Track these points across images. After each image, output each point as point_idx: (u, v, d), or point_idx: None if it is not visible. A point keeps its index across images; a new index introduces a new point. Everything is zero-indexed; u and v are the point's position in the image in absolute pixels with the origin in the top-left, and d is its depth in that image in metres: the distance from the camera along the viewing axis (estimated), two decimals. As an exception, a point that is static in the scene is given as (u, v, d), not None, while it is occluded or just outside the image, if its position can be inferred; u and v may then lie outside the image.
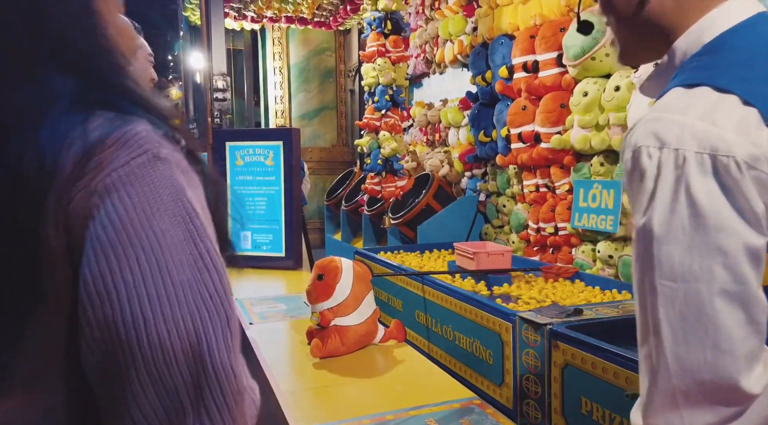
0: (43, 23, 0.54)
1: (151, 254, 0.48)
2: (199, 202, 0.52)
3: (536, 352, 1.62)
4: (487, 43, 3.18)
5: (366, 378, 1.32)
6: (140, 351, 0.46)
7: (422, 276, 2.33)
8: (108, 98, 0.53)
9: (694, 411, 0.63)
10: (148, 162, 0.49)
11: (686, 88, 0.64)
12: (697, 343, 0.62)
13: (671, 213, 0.62)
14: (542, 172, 2.83)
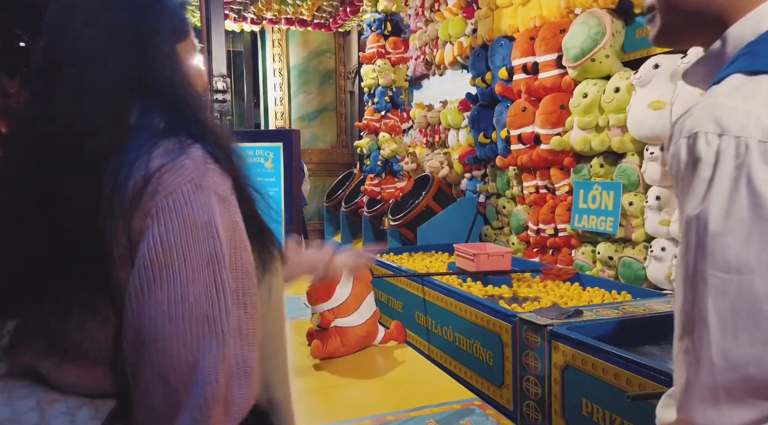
0: (141, 58, 0.68)
1: (178, 281, 0.61)
2: (230, 222, 0.65)
3: (536, 353, 1.62)
4: (486, 44, 3.19)
5: (366, 379, 1.32)
6: (155, 356, 0.60)
7: (422, 277, 2.33)
8: (179, 126, 0.67)
9: (735, 407, 0.61)
10: (191, 191, 0.62)
11: (748, 75, 0.62)
12: (746, 337, 0.60)
13: (730, 203, 0.60)
14: (542, 173, 2.83)
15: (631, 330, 1.63)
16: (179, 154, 0.64)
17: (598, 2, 2.41)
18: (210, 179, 0.64)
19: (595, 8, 2.44)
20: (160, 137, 0.65)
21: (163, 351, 0.59)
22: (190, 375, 0.59)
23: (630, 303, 1.84)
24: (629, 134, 2.27)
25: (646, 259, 2.23)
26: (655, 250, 2.16)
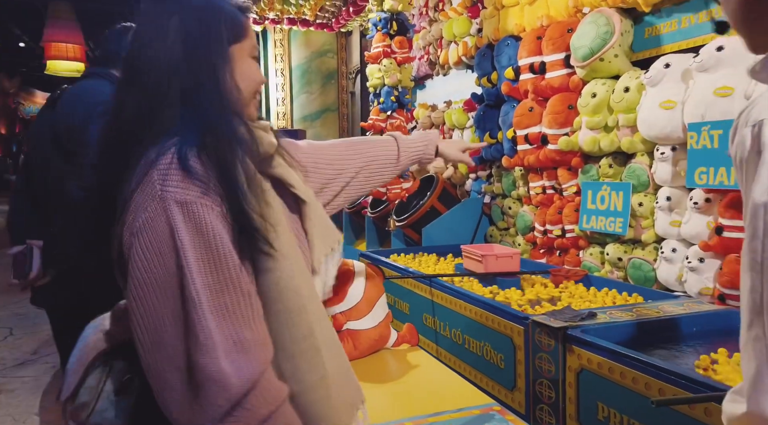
0: (184, 66, 0.80)
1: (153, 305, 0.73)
2: (195, 225, 0.74)
3: (550, 356, 1.60)
4: (492, 44, 3.16)
5: (381, 384, 1.29)
6: (148, 360, 0.74)
7: (430, 279, 2.31)
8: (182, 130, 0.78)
9: None
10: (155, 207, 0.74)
11: None
12: None
13: None
14: (549, 174, 2.81)
15: (645, 333, 1.61)
16: (151, 166, 0.75)
17: (607, 1, 2.39)
18: (170, 188, 0.74)
19: (604, 7, 2.42)
20: (159, 141, 0.77)
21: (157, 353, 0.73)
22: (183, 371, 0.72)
23: (643, 305, 1.82)
24: (639, 134, 2.25)
25: (656, 260, 2.21)
26: (666, 251, 2.14)
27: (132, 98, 0.80)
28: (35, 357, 3.80)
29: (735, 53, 1.87)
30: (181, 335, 0.71)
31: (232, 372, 0.71)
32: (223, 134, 0.78)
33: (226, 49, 0.83)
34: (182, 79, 0.79)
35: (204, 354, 0.70)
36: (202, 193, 0.74)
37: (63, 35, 9.05)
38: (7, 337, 4.24)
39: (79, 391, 0.81)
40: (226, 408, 0.71)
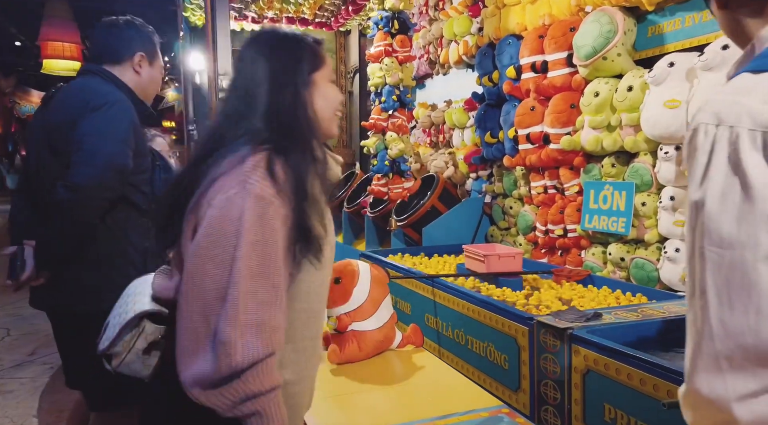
0: (272, 86, 0.98)
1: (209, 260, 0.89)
2: (258, 217, 0.88)
3: (555, 357, 1.58)
4: (493, 43, 3.15)
5: (387, 386, 1.28)
6: (184, 305, 0.89)
7: (433, 279, 2.29)
8: (270, 140, 0.95)
9: (737, 376, 0.65)
10: (236, 192, 0.88)
11: (754, 74, 0.70)
12: (740, 307, 0.65)
13: (723, 185, 0.66)
14: (550, 173, 2.80)
15: (651, 334, 1.60)
16: (243, 159, 0.91)
17: (610, 0, 2.38)
18: (253, 182, 0.88)
19: (607, 6, 2.41)
20: (248, 143, 0.94)
21: (194, 302, 0.87)
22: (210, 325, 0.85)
23: (647, 306, 1.81)
24: (642, 134, 2.24)
25: (659, 260, 2.20)
26: (669, 251, 2.13)
27: (230, 105, 1.00)
28: (33, 357, 3.77)
29: (740, 52, 1.86)
30: (217, 296, 0.85)
31: (241, 347, 0.83)
32: (305, 151, 0.95)
33: (307, 76, 1.00)
34: (270, 96, 0.97)
35: (224, 321, 0.84)
36: (276, 194, 0.89)
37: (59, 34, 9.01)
38: (5, 338, 4.21)
39: (117, 343, 0.97)
40: (225, 373, 0.83)
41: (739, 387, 0.65)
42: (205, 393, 0.84)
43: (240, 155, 0.92)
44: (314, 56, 1.03)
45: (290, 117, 0.97)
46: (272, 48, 1.01)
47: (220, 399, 0.84)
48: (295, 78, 0.99)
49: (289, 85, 0.98)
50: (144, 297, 1.00)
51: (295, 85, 0.99)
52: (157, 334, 0.97)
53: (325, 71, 1.04)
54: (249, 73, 0.99)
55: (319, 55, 1.05)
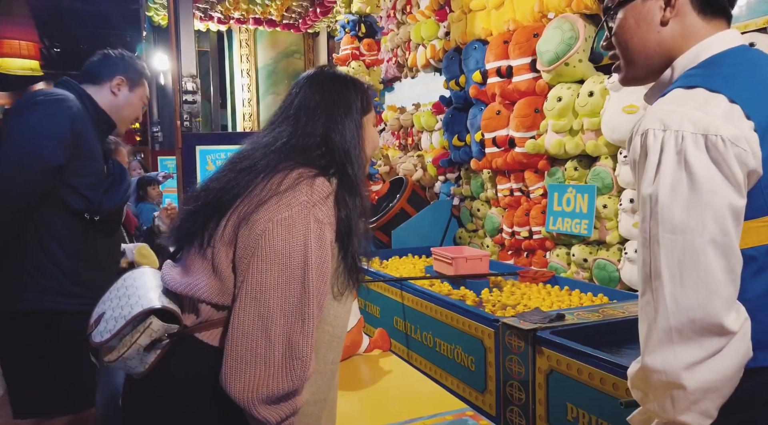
0: (332, 121, 1.03)
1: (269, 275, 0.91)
2: (318, 241, 0.92)
3: (520, 358, 1.61)
4: (460, 47, 3.19)
5: (353, 391, 1.28)
6: (244, 323, 0.90)
7: (401, 282, 2.30)
8: (330, 168, 0.99)
9: (685, 347, 0.75)
10: (297, 212, 0.92)
11: (685, 89, 0.82)
12: (691, 285, 0.75)
13: (673, 180, 0.77)
14: (516, 176, 2.85)
15: (612, 333, 1.64)
16: (304, 179, 0.93)
17: (571, 7, 2.44)
18: (316, 204, 0.92)
19: (568, 13, 2.47)
20: (305, 165, 0.97)
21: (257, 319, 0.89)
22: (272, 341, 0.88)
23: (609, 306, 1.86)
24: (603, 138, 2.30)
25: (620, 261, 2.27)
26: (629, 252, 2.19)
27: (286, 130, 1.03)
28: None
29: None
30: (287, 312, 0.87)
31: (311, 362, 0.88)
32: (358, 186, 1.00)
33: (360, 117, 1.07)
34: (327, 129, 1.02)
35: (302, 336, 0.87)
36: (332, 221, 0.94)
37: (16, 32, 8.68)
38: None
39: (117, 337, 0.93)
40: (292, 387, 0.87)
41: (686, 357, 0.75)
42: (267, 407, 0.86)
43: (299, 174, 0.94)
44: (367, 100, 1.11)
45: (347, 152, 1.02)
46: (332, 86, 1.08)
47: (279, 413, 0.87)
48: (352, 117, 1.05)
49: (347, 122, 1.05)
50: (149, 292, 0.97)
51: (354, 123, 1.05)
52: (162, 332, 0.94)
53: (371, 115, 1.13)
54: (306, 103, 1.05)
55: (370, 99, 1.13)
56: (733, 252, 0.76)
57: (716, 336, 0.75)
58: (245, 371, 0.86)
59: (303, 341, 0.87)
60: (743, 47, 0.89)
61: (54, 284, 1.58)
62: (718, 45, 0.87)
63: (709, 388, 0.76)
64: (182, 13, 3.11)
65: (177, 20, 3.07)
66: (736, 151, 0.75)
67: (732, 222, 0.76)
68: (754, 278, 0.79)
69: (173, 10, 3.11)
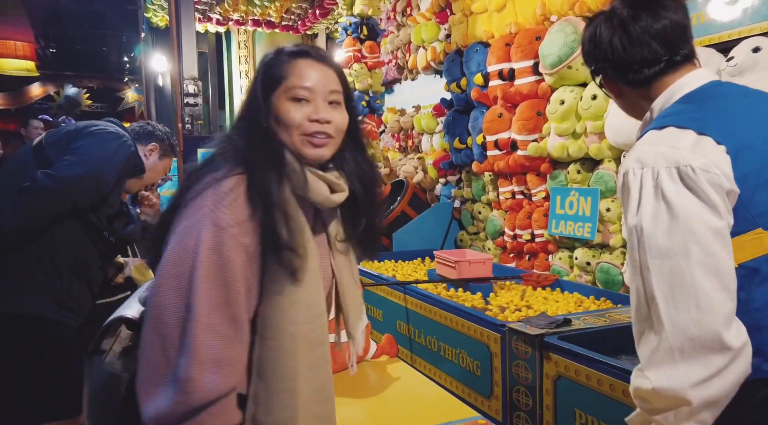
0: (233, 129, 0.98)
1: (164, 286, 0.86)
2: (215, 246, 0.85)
3: (527, 364, 1.60)
4: (461, 50, 3.18)
5: (361, 398, 1.27)
6: (145, 335, 0.86)
7: (404, 286, 2.29)
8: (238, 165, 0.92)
9: (689, 365, 0.79)
10: (194, 222, 0.87)
11: (657, 130, 0.92)
12: (683, 305, 0.80)
13: (653, 210, 0.85)
14: (518, 179, 2.85)
15: (619, 338, 1.63)
16: (209, 185, 0.88)
17: (574, 10, 2.43)
18: (212, 208, 0.86)
19: (571, 16, 2.46)
20: (223, 163, 0.91)
21: (154, 332, 0.84)
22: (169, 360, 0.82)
23: (614, 310, 1.86)
24: (606, 141, 2.30)
25: (623, 264, 2.26)
26: (633, 255, 2.19)
27: None
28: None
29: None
30: (176, 328, 0.82)
31: (199, 385, 0.80)
32: (273, 169, 0.90)
33: (262, 95, 0.94)
34: (242, 116, 0.96)
35: (184, 357, 0.81)
36: (237, 222, 0.85)
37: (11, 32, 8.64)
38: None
39: (101, 340, 0.99)
40: (180, 412, 0.80)
41: (692, 376, 0.79)
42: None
43: (210, 179, 0.89)
44: (272, 74, 0.96)
45: (251, 143, 0.93)
46: (256, 73, 1.00)
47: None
48: (256, 103, 0.96)
49: (250, 110, 0.96)
50: (133, 303, 1.01)
51: (256, 108, 0.95)
52: (128, 341, 0.97)
53: (285, 87, 0.94)
54: None
55: (277, 70, 0.96)
56: (723, 270, 0.81)
57: (717, 353, 0.79)
58: (141, 385, 0.83)
59: (183, 361, 0.80)
60: (713, 83, 0.98)
61: (54, 294, 1.62)
62: (689, 85, 0.97)
63: (711, 403, 0.81)
64: (183, 16, 3.10)
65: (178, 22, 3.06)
66: (707, 176, 0.83)
67: (716, 242, 0.81)
68: (758, 288, 0.84)
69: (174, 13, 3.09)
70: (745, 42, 1.81)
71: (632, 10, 0.99)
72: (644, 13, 0.98)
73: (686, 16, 1.01)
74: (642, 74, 0.99)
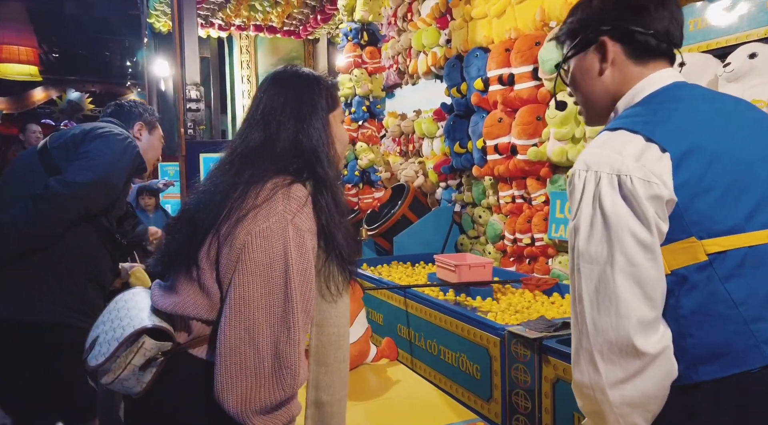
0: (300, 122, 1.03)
1: None
2: (301, 249, 0.93)
3: (526, 367, 1.61)
4: (461, 55, 3.21)
5: (362, 401, 1.28)
6: (231, 336, 0.91)
7: (405, 289, 2.30)
8: (302, 172, 0.99)
9: (609, 367, 0.83)
10: (274, 223, 0.92)
11: (610, 132, 0.91)
12: (605, 309, 0.83)
13: (589, 215, 0.87)
14: (518, 183, 2.86)
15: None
16: (279, 188, 0.93)
17: (573, 16, 2.45)
18: (292, 212, 0.92)
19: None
20: (279, 173, 0.97)
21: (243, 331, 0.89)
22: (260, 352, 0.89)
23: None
24: (605, 146, 2.31)
25: (623, 268, 2.27)
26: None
27: (257, 136, 1.03)
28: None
29: (695, 69, 1.94)
30: (272, 323, 0.88)
31: (301, 370, 0.89)
32: (332, 186, 1.00)
33: (326, 115, 1.06)
34: (296, 132, 1.02)
35: (289, 345, 0.88)
36: (312, 225, 0.95)
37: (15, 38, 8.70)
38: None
39: (111, 359, 0.94)
40: (287, 395, 0.88)
41: (611, 376, 0.83)
42: (262, 418, 0.88)
43: (274, 184, 0.95)
44: (332, 97, 1.09)
45: (316, 153, 1.02)
46: (296, 86, 1.07)
47: (274, 423, 0.89)
48: (318, 115, 1.05)
49: (314, 121, 1.04)
50: (141, 312, 0.98)
51: (320, 122, 1.04)
52: (156, 350, 0.95)
53: (338, 112, 1.11)
54: (272, 106, 1.04)
55: (335, 96, 1.11)
56: (644, 280, 0.83)
57: (634, 357, 0.82)
58: (237, 384, 0.87)
59: (290, 350, 0.88)
60: (675, 85, 0.96)
61: (70, 300, 1.62)
62: (653, 85, 0.96)
63: (633, 404, 0.84)
64: (186, 21, 3.12)
65: (181, 28, 3.08)
66: (645, 188, 0.84)
67: (641, 253, 0.83)
68: (686, 295, 0.86)
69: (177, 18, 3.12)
70: (741, 48, 1.83)
71: None
72: (652, 4, 0.97)
73: (683, 20, 1.01)
74: (651, 40, 0.95)
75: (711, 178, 0.86)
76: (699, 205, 0.85)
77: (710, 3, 2.02)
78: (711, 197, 0.85)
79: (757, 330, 0.83)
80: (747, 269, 0.85)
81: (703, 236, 0.85)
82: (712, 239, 0.85)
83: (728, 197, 0.86)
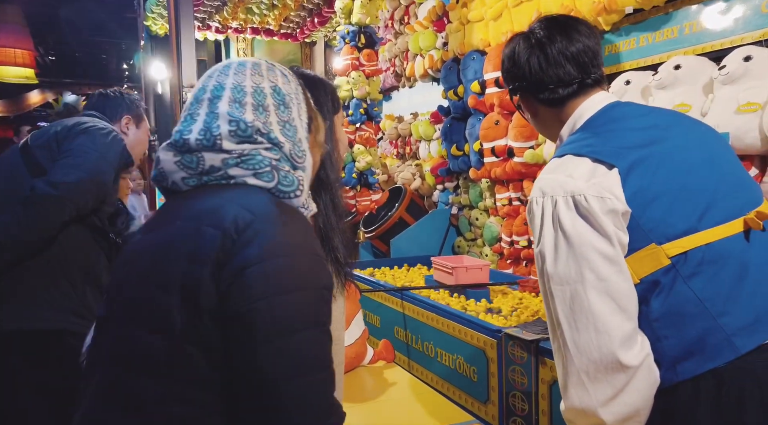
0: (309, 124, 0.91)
1: None
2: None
3: (523, 369, 1.62)
4: (458, 58, 3.21)
5: (359, 403, 1.28)
6: None
7: (402, 292, 2.30)
8: None
9: (596, 386, 0.84)
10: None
11: (558, 158, 0.97)
12: (583, 327, 0.84)
13: (552, 239, 0.89)
14: (515, 185, 2.87)
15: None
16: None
17: (569, 19, 2.46)
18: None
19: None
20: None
21: None
22: None
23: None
24: (602, 148, 2.32)
25: (619, 270, 2.28)
26: (629, 261, 2.21)
27: None
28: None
29: (691, 72, 1.95)
30: None
31: None
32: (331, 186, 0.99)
33: (331, 117, 1.06)
34: None
35: None
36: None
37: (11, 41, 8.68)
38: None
39: None
40: None
41: (599, 395, 0.83)
42: None
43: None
44: (336, 100, 1.10)
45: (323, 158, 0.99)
46: None
47: None
48: (324, 118, 1.02)
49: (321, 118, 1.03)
50: None
51: (330, 124, 1.04)
52: None
53: (341, 115, 1.12)
54: None
55: (338, 99, 1.12)
56: (616, 292, 0.85)
57: (619, 371, 0.83)
58: None
59: None
60: (608, 106, 1.02)
61: (70, 305, 1.58)
62: (588, 111, 1.02)
63: (626, 418, 0.85)
64: (183, 24, 3.12)
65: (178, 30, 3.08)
66: (600, 204, 0.87)
67: (607, 266, 0.85)
68: (656, 299, 0.88)
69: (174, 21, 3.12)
70: (736, 51, 1.83)
71: (549, 32, 1.03)
72: (560, 35, 1.02)
73: (598, 42, 1.06)
74: (556, 94, 1.03)
75: (658, 185, 0.89)
76: (652, 212, 0.88)
77: (705, 6, 2.03)
78: (662, 204, 0.88)
79: (725, 324, 0.86)
80: (707, 267, 0.87)
81: (662, 241, 0.88)
82: (671, 242, 0.87)
83: (678, 201, 0.89)
